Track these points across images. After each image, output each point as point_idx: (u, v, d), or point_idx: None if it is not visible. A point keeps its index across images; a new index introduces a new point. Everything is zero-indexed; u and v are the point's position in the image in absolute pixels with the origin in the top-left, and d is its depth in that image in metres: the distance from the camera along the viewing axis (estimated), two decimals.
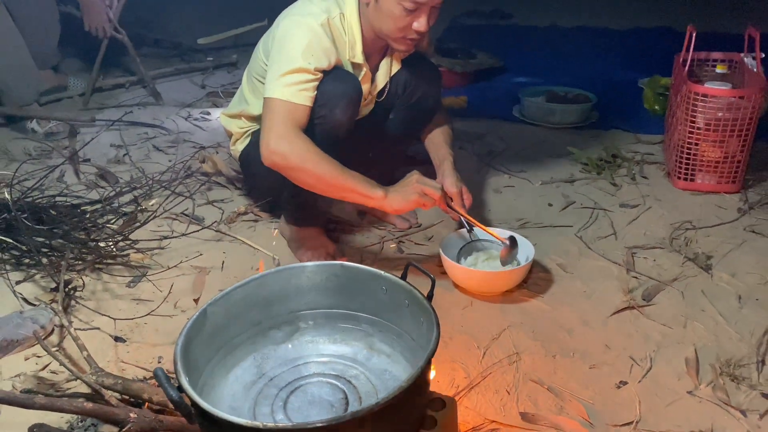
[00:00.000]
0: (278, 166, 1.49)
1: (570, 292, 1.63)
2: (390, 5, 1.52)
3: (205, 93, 3.13)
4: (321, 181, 1.49)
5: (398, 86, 1.77)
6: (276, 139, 1.46)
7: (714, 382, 1.32)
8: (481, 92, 3.06)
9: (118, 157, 2.40)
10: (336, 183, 1.49)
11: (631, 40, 4.02)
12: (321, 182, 1.49)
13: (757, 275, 1.67)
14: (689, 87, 2.01)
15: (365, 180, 1.51)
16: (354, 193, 1.51)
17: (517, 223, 1.95)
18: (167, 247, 1.83)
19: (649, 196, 2.10)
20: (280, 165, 1.48)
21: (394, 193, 1.52)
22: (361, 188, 1.50)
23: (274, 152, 1.47)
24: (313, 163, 1.47)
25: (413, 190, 1.51)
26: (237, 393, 1.05)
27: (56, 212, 1.82)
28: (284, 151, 1.46)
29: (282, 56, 1.52)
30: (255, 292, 1.11)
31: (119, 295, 1.63)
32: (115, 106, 2.94)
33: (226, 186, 2.18)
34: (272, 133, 1.47)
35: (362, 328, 1.15)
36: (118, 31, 2.96)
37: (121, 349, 1.45)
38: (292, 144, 1.47)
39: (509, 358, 1.40)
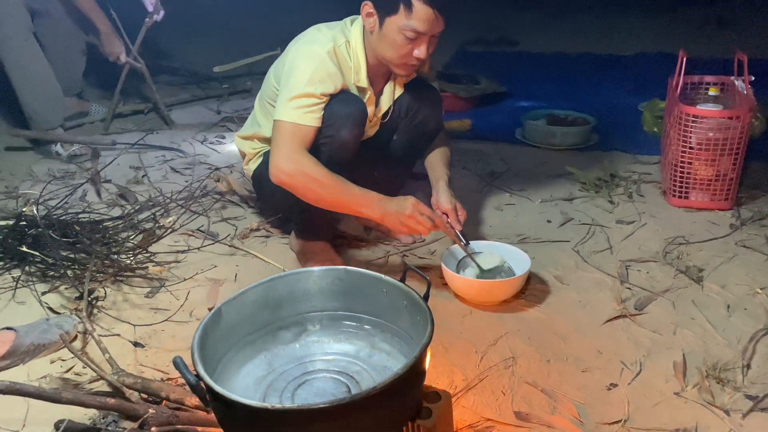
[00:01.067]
0: (285, 184, 1.60)
1: (565, 302, 1.71)
2: (392, 34, 1.64)
3: (220, 118, 3.27)
4: (325, 198, 1.62)
5: (401, 109, 1.88)
6: (283, 159, 1.58)
7: (700, 384, 1.39)
8: (484, 116, 3.16)
9: (137, 178, 2.53)
10: (339, 200, 1.62)
11: (634, 65, 4.13)
12: (324, 198, 1.62)
13: (746, 287, 1.74)
14: (681, 108, 2.10)
15: (366, 196, 1.62)
16: (355, 209, 1.65)
17: (516, 238, 2.03)
18: (183, 260, 1.94)
19: (645, 213, 2.18)
20: (287, 182, 1.60)
21: (391, 215, 1.62)
22: (362, 205, 1.62)
23: (281, 170, 1.58)
24: (318, 181, 1.58)
25: (407, 217, 1.61)
26: (248, 386, 1.13)
27: (80, 228, 1.94)
28: (290, 169, 1.58)
29: (291, 82, 1.64)
30: (266, 295, 1.20)
31: (138, 304, 1.73)
32: (135, 131, 3.07)
33: (239, 204, 2.28)
34: (280, 152, 1.59)
35: (364, 328, 1.23)
36: (137, 61, 3.11)
37: (140, 354, 1.54)
38: (298, 163, 1.58)
39: (505, 362, 1.48)
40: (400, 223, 1.63)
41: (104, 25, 2.91)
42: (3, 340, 1.49)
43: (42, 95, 2.75)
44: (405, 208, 1.62)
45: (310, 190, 1.60)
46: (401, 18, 1.59)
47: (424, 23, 1.59)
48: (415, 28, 1.60)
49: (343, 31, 1.74)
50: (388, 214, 1.62)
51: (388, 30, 1.63)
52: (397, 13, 1.60)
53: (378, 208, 1.62)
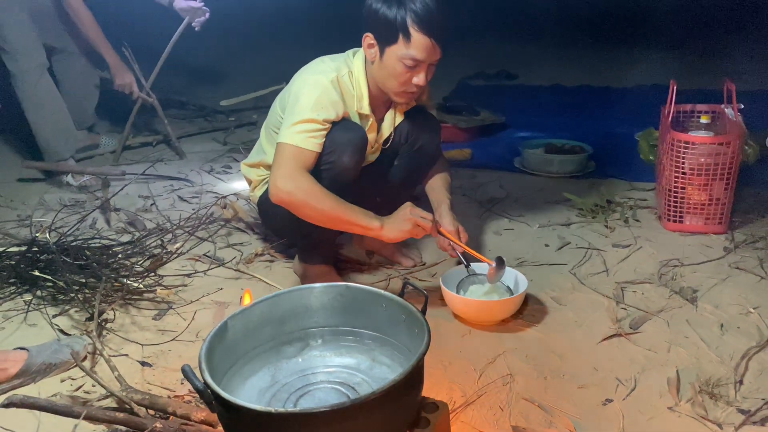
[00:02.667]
0: (284, 202, 1.66)
1: (562, 321, 1.75)
2: (392, 63, 1.72)
3: (226, 149, 3.36)
4: (323, 215, 1.66)
5: (401, 135, 1.95)
6: (282, 178, 1.65)
7: (693, 398, 1.42)
8: (484, 146, 3.24)
9: (145, 207, 2.60)
10: (337, 216, 1.66)
11: (630, 97, 4.22)
12: (323, 216, 1.66)
13: (739, 306, 1.78)
14: (673, 135, 2.17)
15: (363, 213, 1.68)
16: (353, 225, 1.68)
17: (515, 261, 2.08)
18: (190, 284, 1.99)
19: (641, 237, 2.23)
20: (286, 201, 1.65)
21: (390, 224, 1.68)
22: (360, 220, 1.67)
23: (280, 190, 1.64)
24: (316, 198, 1.64)
25: (407, 221, 1.68)
26: (253, 397, 1.18)
27: (90, 252, 2.00)
28: (290, 188, 1.64)
29: (295, 109, 1.72)
30: (270, 310, 1.25)
31: (146, 326, 1.78)
32: (144, 162, 3.16)
33: (244, 231, 2.35)
34: (279, 172, 1.65)
35: (365, 342, 1.28)
36: (149, 95, 3.22)
37: (147, 373, 1.58)
38: (297, 182, 1.64)
39: (503, 379, 1.51)
40: (400, 231, 1.68)
41: (113, 58, 2.98)
42: (15, 359, 1.54)
43: (55, 129, 2.84)
44: (404, 214, 1.68)
45: (309, 206, 1.65)
46: (400, 47, 1.68)
47: (422, 52, 1.67)
48: (413, 56, 1.68)
49: (346, 61, 1.83)
50: (387, 227, 1.67)
51: (388, 59, 1.71)
52: (396, 43, 1.68)
53: (376, 222, 1.67)
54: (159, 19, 3.27)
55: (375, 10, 1.70)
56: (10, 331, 1.77)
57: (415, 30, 1.65)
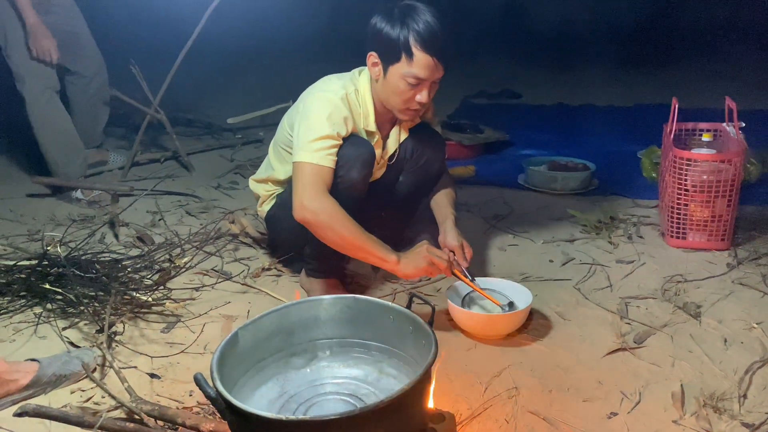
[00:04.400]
0: (308, 222, 1.68)
1: (567, 336, 1.77)
2: (396, 81, 1.76)
3: (233, 166, 3.39)
4: (344, 240, 1.68)
5: (406, 152, 1.99)
6: (308, 198, 1.67)
7: (698, 412, 1.43)
8: (488, 163, 3.28)
9: (153, 222, 2.63)
10: (357, 244, 1.68)
11: (632, 115, 4.27)
12: (344, 241, 1.68)
13: (742, 321, 1.80)
14: (675, 153, 2.20)
15: (382, 245, 1.70)
16: (371, 256, 1.70)
17: (519, 277, 2.10)
18: (198, 298, 2.01)
19: (644, 253, 2.25)
20: (311, 221, 1.68)
21: (406, 260, 1.71)
22: (378, 252, 1.69)
23: (306, 209, 1.67)
24: (340, 223, 1.66)
25: (423, 260, 1.70)
26: (262, 407, 1.19)
27: (100, 266, 2.02)
28: (316, 209, 1.66)
29: (309, 125, 1.75)
30: (279, 321, 1.27)
31: (154, 339, 1.80)
32: (152, 178, 3.20)
33: (251, 246, 2.37)
34: (306, 192, 1.68)
35: (372, 354, 1.30)
36: (158, 112, 3.27)
37: (156, 385, 1.60)
38: (323, 204, 1.67)
39: (509, 393, 1.53)
40: (416, 268, 1.70)
41: (32, 17, 2.67)
42: (27, 370, 1.55)
43: (64, 152, 2.89)
44: (419, 254, 1.71)
45: (332, 229, 1.67)
46: (403, 66, 1.72)
47: (425, 70, 1.71)
48: (416, 74, 1.71)
49: (352, 80, 1.87)
50: (403, 262, 1.69)
51: (391, 77, 1.75)
52: (399, 62, 1.72)
53: (393, 256, 1.69)
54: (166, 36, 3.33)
55: (379, 29, 1.74)
56: (20, 343, 1.79)
57: (418, 49, 1.69)
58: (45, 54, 2.73)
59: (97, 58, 3.06)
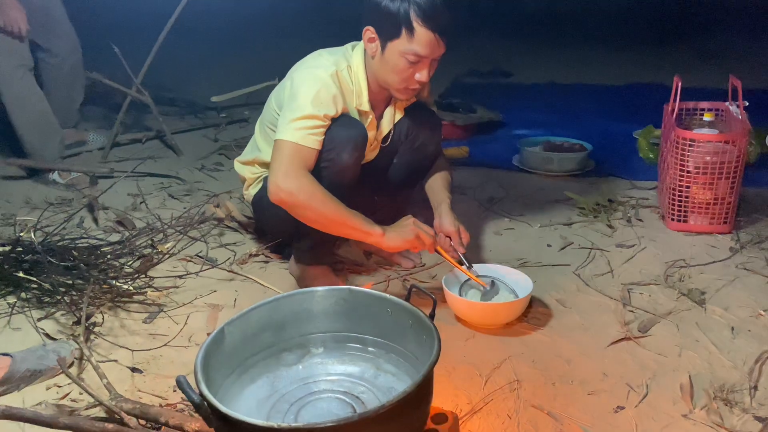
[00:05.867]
0: (284, 203, 1.59)
1: (568, 325, 1.70)
2: (394, 58, 1.65)
3: (218, 146, 3.28)
4: (324, 218, 1.59)
5: (401, 133, 1.89)
6: (284, 177, 1.57)
7: (708, 406, 1.37)
8: (481, 144, 3.19)
9: (135, 205, 2.52)
10: (338, 220, 1.60)
11: (626, 95, 4.19)
12: (324, 219, 1.59)
13: (749, 309, 1.74)
14: (678, 133, 2.12)
15: (365, 219, 1.62)
16: (354, 230, 1.62)
17: (517, 262, 2.02)
18: (182, 286, 1.92)
19: (644, 237, 2.18)
20: (287, 201, 1.58)
21: (391, 233, 1.63)
22: (362, 226, 1.61)
23: (281, 189, 1.57)
24: (318, 200, 1.57)
25: (409, 232, 1.62)
26: (251, 408, 1.11)
27: (77, 253, 1.92)
28: (291, 188, 1.57)
29: (294, 104, 1.65)
30: (269, 315, 1.19)
31: (136, 330, 1.71)
32: (133, 159, 3.07)
33: (237, 230, 2.27)
34: (281, 171, 1.58)
35: (369, 349, 1.22)
36: (141, 92, 3.13)
37: (138, 380, 1.51)
38: (299, 182, 1.57)
39: (510, 386, 1.46)
40: (403, 240, 1.63)
41: None
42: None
43: (39, 132, 2.75)
44: (406, 227, 1.64)
45: (310, 208, 1.59)
46: (403, 42, 1.61)
47: (426, 47, 1.61)
48: (416, 51, 1.62)
49: (344, 55, 1.76)
50: (388, 235, 1.62)
51: (390, 54, 1.65)
52: (399, 38, 1.62)
53: (378, 228, 1.62)
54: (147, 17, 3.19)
55: (377, 2, 1.63)
56: None
57: (419, 24, 1.59)
58: (13, 26, 2.54)
59: (72, 36, 2.91)
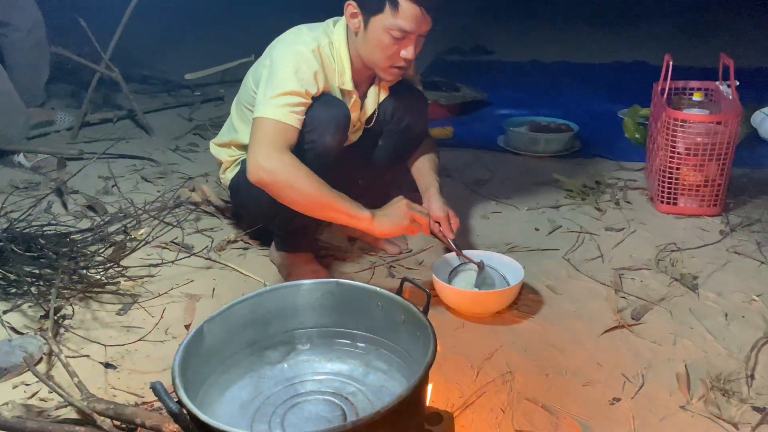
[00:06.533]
0: (265, 183, 1.49)
1: (560, 312, 1.65)
2: (378, 34, 1.57)
3: (192, 126, 3.16)
4: (308, 200, 1.49)
5: (386, 113, 1.81)
6: (265, 156, 1.48)
7: (705, 396, 1.33)
8: (466, 124, 3.12)
9: (106, 189, 2.40)
10: (323, 202, 1.50)
11: (610, 73, 4.13)
12: (308, 200, 1.50)
13: (742, 294, 1.70)
14: (669, 113, 2.07)
15: (353, 202, 1.53)
16: (341, 214, 1.52)
17: (505, 247, 1.97)
18: (157, 275, 1.83)
19: (634, 220, 2.14)
20: (268, 182, 1.49)
21: (382, 217, 1.54)
22: (349, 209, 1.51)
23: (262, 168, 1.48)
24: (302, 180, 1.48)
25: (403, 216, 1.53)
26: (234, 411, 1.04)
27: (45, 241, 1.82)
28: (273, 167, 1.47)
29: (273, 80, 1.55)
30: (252, 311, 1.11)
31: (109, 323, 1.62)
32: (103, 140, 2.94)
33: (215, 215, 2.18)
34: (261, 150, 1.49)
35: (358, 346, 1.15)
36: (111, 69, 2.99)
37: (111, 376, 1.43)
38: (281, 161, 1.48)
39: (503, 377, 1.40)
40: (396, 226, 1.53)
41: None
42: None
43: (2, 111, 2.61)
44: (399, 209, 1.54)
45: (293, 189, 1.49)
46: (387, 17, 1.53)
47: (411, 22, 1.53)
48: (401, 27, 1.53)
49: (325, 32, 1.67)
50: (379, 220, 1.52)
51: (373, 30, 1.56)
52: (382, 13, 1.53)
53: (367, 213, 1.53)
54: None
55: None
56: None
57: None
58: None
59: (34, 9, 2.77)
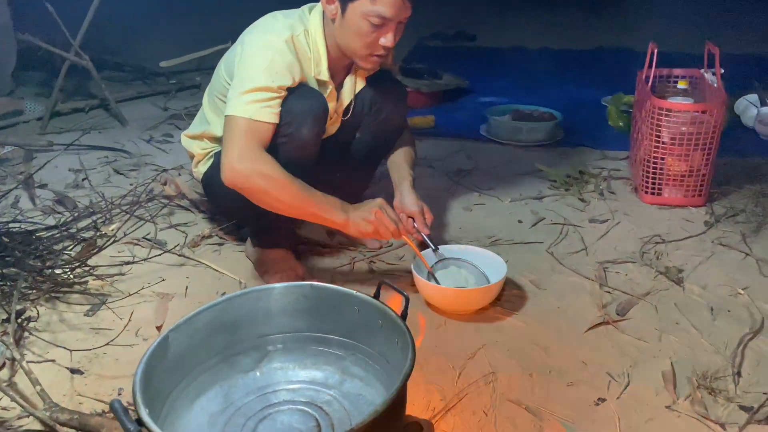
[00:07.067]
0: (239, 187, 1.44)
1: (544, 308, 1.61)
2: (356, 21, 1.50)
3: (167, 116, 3.07)
4: (285, 202, 1.46)
5: (363, 104, 1.75)
6: (237, 158, 1.42)
7: (692, 395, 1.30)
8: (447, 112, 3.06)
9: (76, 182, 2.32)
10: (300, 204, 1.46)
11: (593, 60, 4.10)
12: (285, 203, 1.46)
13: (727, 287, 1.68)
14: (653, 102, 2.03)
15: (330, 200, 1.48)
16: (317, 217, 1.49)
17: (488, 240, 1.92)
18: (128, 273, 1.76)
19: (618, 211, 2.10)
20: (241, 184, 1.44)
21: (356, 218, 1.50)
22: (325, 210, 1.48)
23: (237, 172, 1.42)
24: (278, 183, 1.43)
25: (373, 219, 1.49)
26: (202, 424, 0.99)
27: (9, 239, 1.74)
28: (246, 169, 1.42)
29: (244, 74, 1.49)
30: (220, 317, 1.05)
31: (76, 325, 1.55)
32: (74, 130, 2.85)
33: (189, 209, 2.11)
34: (234, 152, 1.43)
35: (334, 351, 1.10)
36: (80, 57, 2.89)
37: (78, 382, 1.36)
38: (255, 163, 1.43)
39: (485, 378, 1.36)
40: (365, 228, 1.50)
41: None
42: None
43: None
44: (370, 212, 1.50)
45: (268, 193, 1.45)
46: (365, 3, 1.46)
47: (391, 8, 1.46)
48: (380, 13, 1.47)
49: (301, 19, 1.60)
50: (353, 223, 1.49)
51: (351, 17, 1.50)
52: None
53: (342, 214, 1.49)
54: None
55: None
56: None
57: None
58: None
59: None
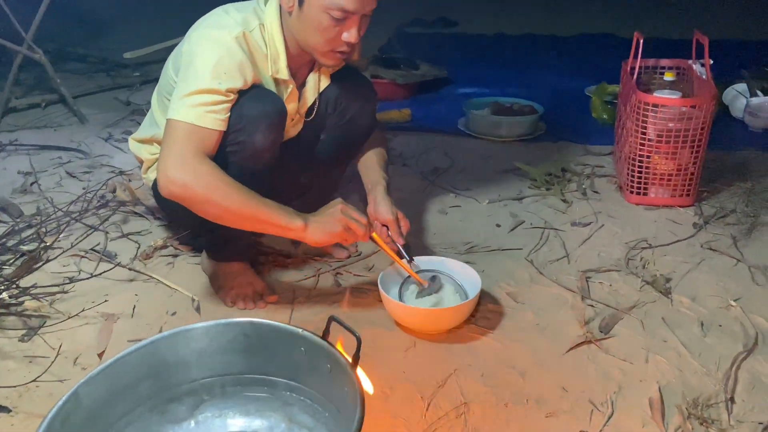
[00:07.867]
0: (178, 197, 1.30)
1: (522, 325, 1.49)
2: (316, 14, 1.36)
3: (129, 111, 2.91)
4: (229, 213, 1.31)
5: (328, 104, 1.61)
6: (175, 167, 1.28)
7: (681, 427, 1.19)
8: (425, 105, 2.92)
9: (24, 186, 2.16)
10: (248, 214, 1.31)
11: (577, 46, 3.98)
12: (229, 214, 1.31)
13: (718, 298, 1.57)
14: (639, 97, 1.91)
15: (282, 209, 1.34)
16: (269, 225, 1.34)
17: (464, 247, 1.80)
18: (71, 291, 1.61)
19: (602, 212, 1.98)
20: (180, 195, 1.30)
21: (315, 224, 1.36)
22: (278, 219, 1.33)
23: (172, 181, 1.28)
24: (220, 193, 1.29)
25: (337, 222, 1.36)
26: None
27: None
28: (184, 179, 1.27)
29: (189, 74, 1.34)
30: (145, 361, 0.92)
31: (9, 352, 1.41)
32: (29, 128, 2.68)
33: (144, 216, 1.96)
34: (171, 159, 1.29)
35: (279, 395, 0.97)
36: (33, 50, 2.72)
37: (4, 422, 1.23)
38: (195, 171, 1.28)
39: (456, 410, 1.24)
40: (328, 234, 1.37)
41: None
42: None
43: None
44: (332, 215, 1.37)
45: (210, 202, 1.30)
46: None
47: (353, 1, 1.32)
48: (342, 6, 1.32)
49: (255, 12, 1.45)
50: (312, 227, 1.35)
51: (310, 10, 1.35)
52: None
53: (299, 220, 1.34)
54: None
55: None
56: None
57: None
58: None
59: None
